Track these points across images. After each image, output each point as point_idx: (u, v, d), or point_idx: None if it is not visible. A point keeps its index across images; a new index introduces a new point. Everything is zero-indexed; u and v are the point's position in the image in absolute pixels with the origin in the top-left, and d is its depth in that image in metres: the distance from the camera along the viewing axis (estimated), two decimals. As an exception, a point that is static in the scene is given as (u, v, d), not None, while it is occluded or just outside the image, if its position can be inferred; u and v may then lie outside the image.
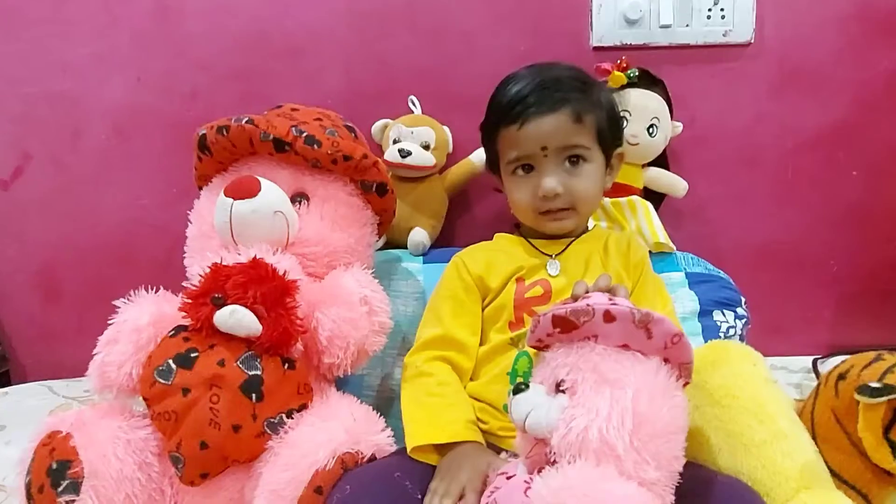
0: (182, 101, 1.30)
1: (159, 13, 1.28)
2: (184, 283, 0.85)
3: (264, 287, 0.79)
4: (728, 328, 1.08)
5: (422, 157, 1.17)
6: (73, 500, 0.71)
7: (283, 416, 0.78)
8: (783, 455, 0.72)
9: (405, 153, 1.15)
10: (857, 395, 0.69)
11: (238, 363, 0.77)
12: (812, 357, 1.27)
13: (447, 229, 1.26)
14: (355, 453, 0.76)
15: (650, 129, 1.15)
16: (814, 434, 0.77)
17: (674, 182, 1.22)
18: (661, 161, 1.22)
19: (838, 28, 1.25)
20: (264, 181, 0.88)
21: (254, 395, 0.76)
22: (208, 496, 0.79)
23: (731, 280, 1.14)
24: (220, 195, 0.87)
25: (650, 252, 1.05)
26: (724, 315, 1.08)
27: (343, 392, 0.89)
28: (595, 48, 1.26)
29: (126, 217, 1.34)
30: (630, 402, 0.61)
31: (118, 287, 0.87)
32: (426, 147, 1.19)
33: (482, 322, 0.91)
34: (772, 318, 1.32)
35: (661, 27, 1.24)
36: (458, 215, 1.31)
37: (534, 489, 0.60)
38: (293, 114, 0.96)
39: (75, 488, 0.72)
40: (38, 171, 1.33)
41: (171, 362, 0.77)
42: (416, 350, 0.90)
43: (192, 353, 0.78)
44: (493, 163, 0.98)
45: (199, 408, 0.75)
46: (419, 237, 1.17)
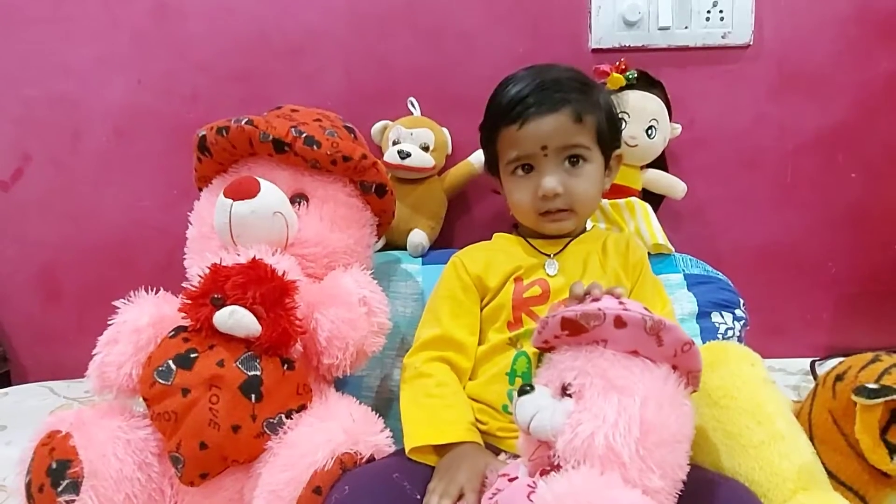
0: (182, 103, 1.30)
1: (159, 14, 1.28)
2: (183, 284, 0.84)
3: (263, 288, 0.79)
4: (726, 329, 1.08)
5: (421, 158, 1.17)
6: (73, 500, 0.71)
7: (282, 416, 0.78)
8: (781, 456, 0.72)
9: (404, 154, 1.15)
10: (854, 397, 0.69)
11: (237, 364, 0.77)
12: (810, 358, 1.28)
13: (446, 231, 1.26)
14: (354, 454, 0.76)
15: (649, 131, 1.15)
16: (811, 435, 0.77)
17: (672, 184, 1.22)
18: (660, 163, 1.23)
19: (837, 30, 1.25)
20: (264, 182, 0.88)
21: (253, 396, 0.77)
22: (208, 496, 0.79)
23: (730, 282, 1.14)
24: (220, 196, 0.87)
25: (649, 254, 1.05)
26: (723, 316, 1.09)
27: (342, 393, 0.89)
28: (594, 50, 1.26)
29: (126, 218, 1.34)
30: (638, 410, 0.61)
31: (118, 288, 0.87)
32: (425, 148, 1.19)
33: (481, 322, 0.91)
34: (770, 320, 1.32)
35: (659, 29, 1.24)
36: (457, 217, 1.31)
37: (538, 494, 0.60)
38: (293, 115, 0.96)
39: (75, 488, 0.72)
40: (39, 173, 1.33)
41: (170, 363, 0.77)
42: (414, 351, 0.90)
43: (192, 354, 0.78)
44: (492, 164, 0.98)
45: (199, 408, 0.75)
46: (418, 238, 1.17)
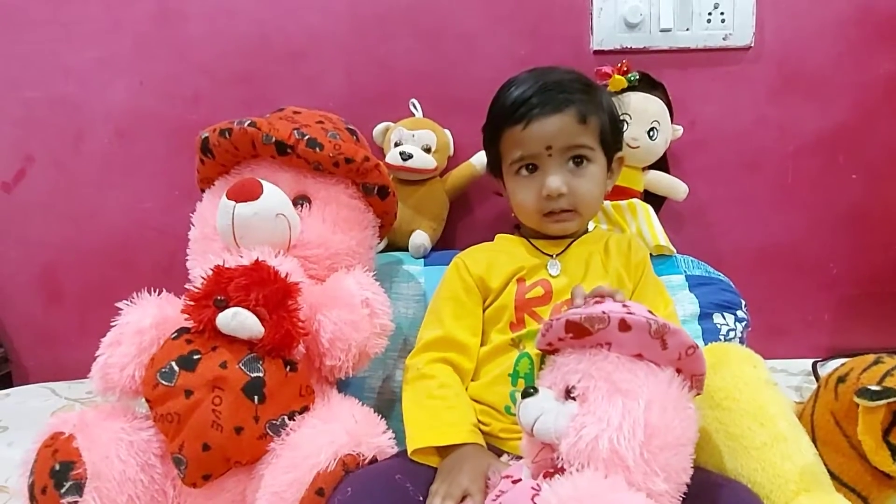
0: (184, 105, 1.30)
1: (161, 17, 1.28)
2: (186, 286, 0.85)
3: (266, 289, 0.79)
4: (728, 331, 1.08)
5: (423, 159, 1.17)
6: (76, 502, 0.71)
7: (284, 417, 0.78)
8: (783, 458, 0.72)
9: (406, 156, 1.15)
10: (856, 399, 0.69)
11: (240, 365, 0.77)
12: (812, 360, 1.27)
13: (448, 232, 1.26)
14: (357, 455, 0.76)
15: (650, 133, 1.15)
16: (813, 437, 0.77)
17: (674, 185, 1.22)
18: (662, 164, 1.23)
19: (838, 32, 1.26)
20: (266, 184, 0.88)
21: (256, 397, 0.77)
22: (210, 498, 0.79)
23: (732, 283, 1.14)
24: (223, 198, 0.87)
25: (650, 255, 1.05)
26: (725, 318, 1.09)
27: (344, 394, 0.89)
28: (595, 52, 1.26)
29: (128, 220, 1.34)
30: (642, 414, 0.61)
31: (120, 289, 0.87)
32: (427, 150, 1.19)
33: (483, 323, 0.91)
34: (772, 321, 1.32)
35: (661, 31, 1.24)
36: (459, 218, 1.31)
37: (542, 496, 0.60)
38: (295, 117, 0.96)
39: (78, 489, 0.72)
40: (41, 174, 1.34)
41: (173, 364, 0.77)
42: (417, 352, 0.90)
43: (195, 355, 0.78)
44: (494, 165, 0.98)
45: (202, 409, 0.75)
46: (420, 240, 1.17)
